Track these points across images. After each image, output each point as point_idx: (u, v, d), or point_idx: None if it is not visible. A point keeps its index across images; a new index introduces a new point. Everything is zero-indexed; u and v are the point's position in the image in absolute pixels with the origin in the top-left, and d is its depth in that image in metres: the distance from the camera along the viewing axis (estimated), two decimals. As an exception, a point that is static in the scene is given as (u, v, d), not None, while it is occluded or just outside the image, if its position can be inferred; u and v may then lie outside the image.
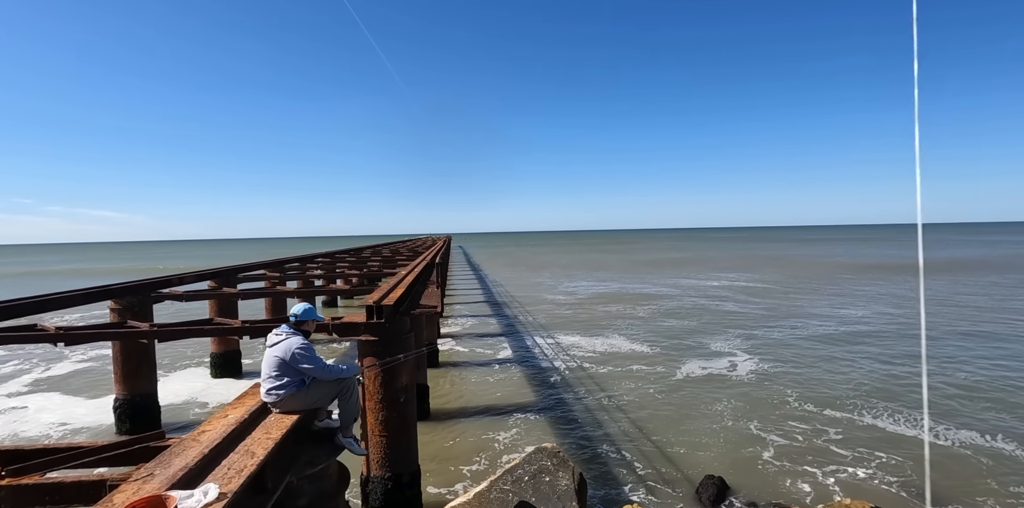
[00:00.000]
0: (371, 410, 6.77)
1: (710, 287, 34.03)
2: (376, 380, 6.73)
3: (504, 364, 15.36)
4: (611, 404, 11.59)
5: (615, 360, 15.63)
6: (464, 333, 20.38)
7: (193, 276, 12.99)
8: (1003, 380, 12.62)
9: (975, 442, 9.12)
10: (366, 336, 6.67)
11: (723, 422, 10.37)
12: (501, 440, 9.66)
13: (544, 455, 5.21)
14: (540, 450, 5.35)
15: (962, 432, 9.55)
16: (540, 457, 5.20)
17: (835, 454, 8.78)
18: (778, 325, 20.61)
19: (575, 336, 19.41)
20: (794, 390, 12.27)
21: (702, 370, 14.38)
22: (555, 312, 25.33)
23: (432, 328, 15.13)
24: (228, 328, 6.65)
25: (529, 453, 5.42)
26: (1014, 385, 12.21)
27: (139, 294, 10.74)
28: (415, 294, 8.97)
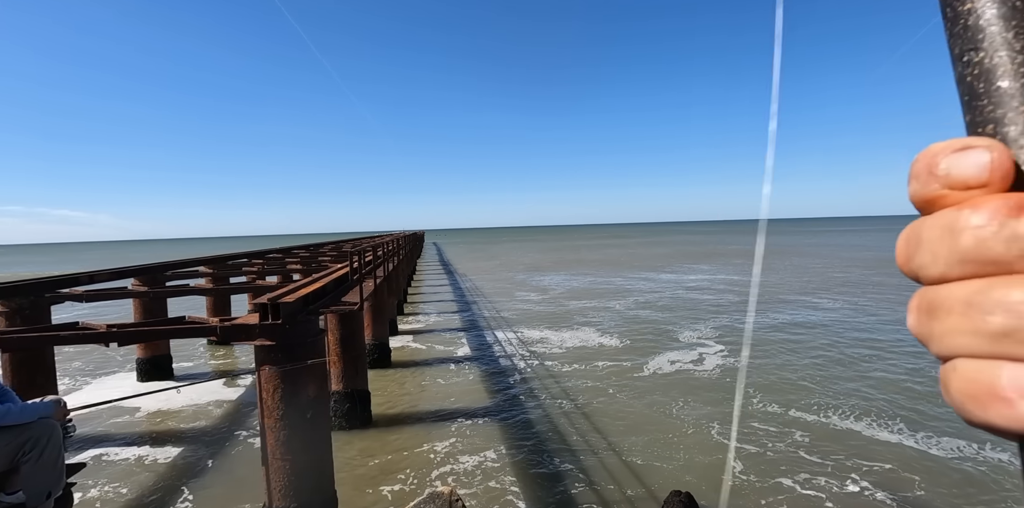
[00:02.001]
0: (270, 429, 5.66)
1: (688, 280, 33.48)
2: (275, 394, 5.63)
3: (462, 363, 14.32)
4: (571, 407, 10.66)
5: (580, 356, 14.73)
6: (425, 330, 19.28)
7: (108, 274, 11.59)
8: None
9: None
10: (261, 340, 5.56)
11: (690, 427, 9.51)
12: (439, 451, 8.62)
13: (436, 504, 4.18)
14: (433, 496, 4.31)
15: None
16: (431, 507, 4.17)
17: (808, 462, 7.98)
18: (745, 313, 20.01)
19: (542, 331, 18.47)
20: (760, 388, 11.50)
21: (671, 366, 13.56)
22: (524, 307, 24.37)
23: (382, 326, 14.00)
24: (94, 334, 5.48)
25: (418, 501, 4.38)
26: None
27: (32, 294, 9.38)
28: (339, 291, 7.86)
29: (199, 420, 10.62)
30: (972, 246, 0.21)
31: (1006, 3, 0.23)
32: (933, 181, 0.23)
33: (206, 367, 15.28)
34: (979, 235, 0.21)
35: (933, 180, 0.23)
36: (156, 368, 13.66)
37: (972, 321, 0.21)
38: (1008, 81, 0.23)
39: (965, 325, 0.21)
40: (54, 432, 2.98)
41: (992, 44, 0.23)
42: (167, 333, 5.97)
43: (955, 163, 0.22)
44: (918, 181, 0.24)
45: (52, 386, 9.65)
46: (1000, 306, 0.20)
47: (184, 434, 9.92)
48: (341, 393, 9.81)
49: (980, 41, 0.24)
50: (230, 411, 11.13)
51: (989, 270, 0.21)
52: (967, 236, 0.21)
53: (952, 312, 0.22)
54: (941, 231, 0.22)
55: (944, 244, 0.22)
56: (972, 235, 0.21)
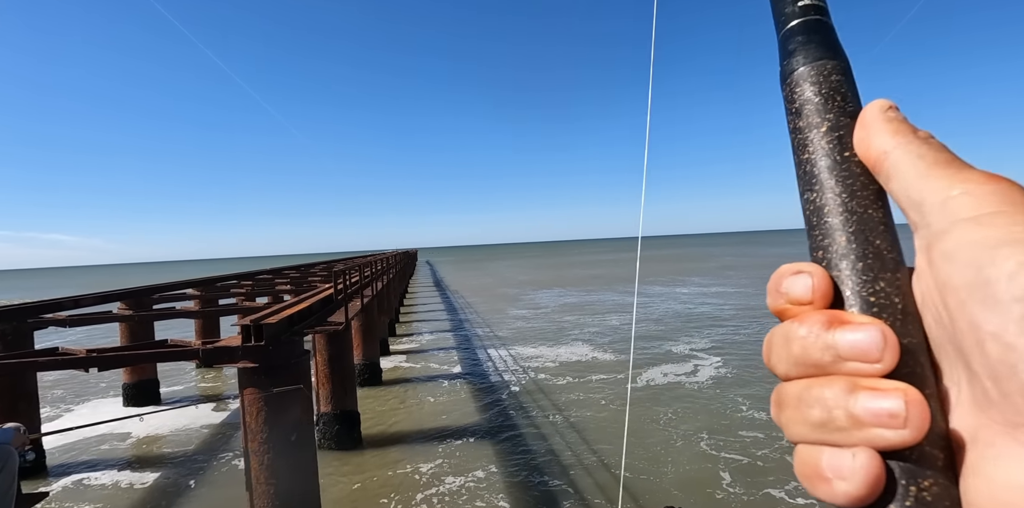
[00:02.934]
0: (254, 453, 5.58)
1: (680, 293, 33.52)
2: (259, 416, 5.56)
3: (454, 382, 14.19)
4: (562, 421, 10.57)
5: (572, 371, 14.65)
6: (417, 349, 19.12)
7: (93, 298, 11.50)
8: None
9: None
10: (244, 363, 5.50)
11: (681, 441, 9.44)
12: (428, 471, 8.50)
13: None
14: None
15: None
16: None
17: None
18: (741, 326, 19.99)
19: (534, 348, 18.38)
20: (750, 398, 11.45)
21: (664, 378, 13.51)
22: (517, 324, 24.27)
23: (373, 346, 13.89)
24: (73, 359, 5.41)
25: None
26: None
27: (13, 320, 9.26)
28: (325, 311, 7.81)
29: (185, 445, 10.43)
30: (799, 352, 0.26)
31: (830, 156, 0.31)
32: (779, 297, 0.29)
33: (194, 390, 15.05)
34: (803, 344, 0.26)
35: (779, 296, 0.29)
36: (142, 393, 13.44)
37: (801, 413, 0.26)
38: (833, 218, 0.29)
39: (797, 417, 0.26)
40: (10, 460, 2.90)
41: (822, 187, 0.30)
42: (148, 357, 5.91)
43: (790, 284, 0.29)
44: (770, 296, 0.30)
45: (34, 412, 9.51)
46: (817, 401, 0.25)
47: (169, 459, 9.73)
48: (330, 414, 9.68)
49: (814, 184, 0.31)
50: (216, 435, 10.94)
51: (812, 372, 0.26)
52: (796, 344, 0.27)
53: (788, 406, 0.27)
54: (782, 338, 0.28)
55: (784, 349, 0.28)
56: (799, 343, 0.26)
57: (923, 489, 0.24)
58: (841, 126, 0.31)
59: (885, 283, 0.28)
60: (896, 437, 0.23)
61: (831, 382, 0.25)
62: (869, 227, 0.29)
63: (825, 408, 0.25)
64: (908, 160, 0.28)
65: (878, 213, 0.29)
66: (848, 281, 0.28)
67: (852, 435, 0.24)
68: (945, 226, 0.25)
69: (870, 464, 0.23)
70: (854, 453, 0.24)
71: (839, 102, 0.32)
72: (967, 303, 0.23)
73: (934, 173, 0.27)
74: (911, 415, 0.23)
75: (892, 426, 0.23)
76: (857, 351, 0.25)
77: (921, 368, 0.26)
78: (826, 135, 0.31)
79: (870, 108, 0.30)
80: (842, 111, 0.31)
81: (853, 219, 0.29)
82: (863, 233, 0.29)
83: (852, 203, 0.29)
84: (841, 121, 0.31)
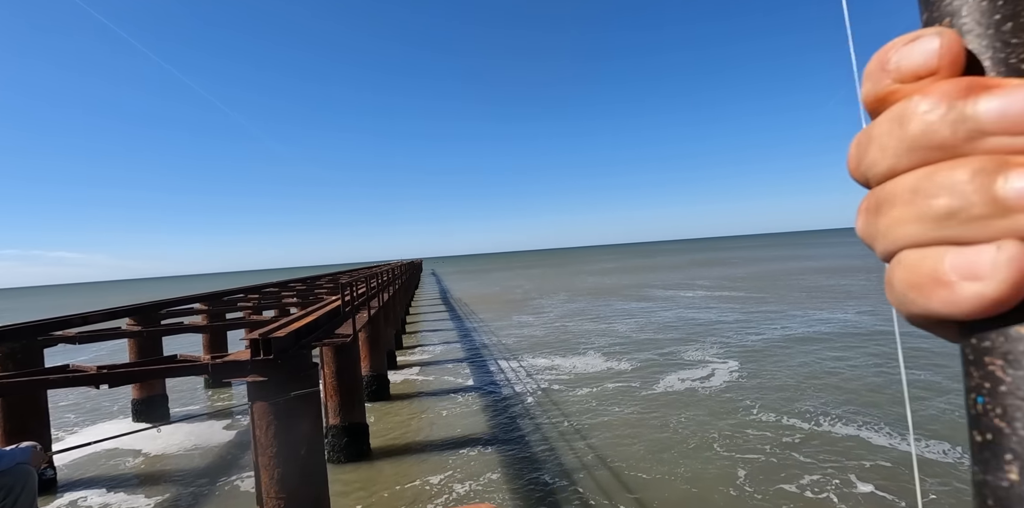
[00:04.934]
0: (264, 467, 5.60)
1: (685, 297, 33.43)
2: (268, 430, 5.59)
3: (463, 393, 14.17)
4: (572, 432, 10.52)
5: (584, 381, 14.60)
6: (424, 361, 19.10)
7: (101, 314, 11.58)
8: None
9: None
10: (253, 377, 5.54)
11: (699, 454, 9.33)
12: (437, 483, 8.46)
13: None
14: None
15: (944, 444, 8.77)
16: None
17: (805, 466, 7.87)
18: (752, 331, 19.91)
19: (544, 358, 18.33)
20: (771, 406, 11.39)
21: (681, 384, 13.49)
22: (524, 333, 24.24)
23: (380, 358, 13.90)
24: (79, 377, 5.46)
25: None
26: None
27: (23, 338, 9.35)
28: (332, 323, 7.85)
29: (195, 460, 10.43)
30: (920, 132, 0.21)
31: None
32: (885, 77, 0.23)
33: (203, 405, 15.07)
34: (926, 120, 0.20)
35: (885, 76, 0.23)
36: (151, 409, 13.47)
37: (917, 207, 0.20)
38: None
39: (910, 213, 0.21)
40: (29, 479, 2.92)
41: None
42: (158, 373, 5.95)
43: (905, 54, 0.22)
44: (871, 80, 0.24)
45: (45, 430, 9.57)
46: (944, 188, 0.20)
47: (180, 475, 9.73)
48: (338, 427, 9.68)
49: None
50: (226, 450, 10.94)
51: (936, 156, 0.20)
52: (915, 123, 0.21)
53: (897, 203, 0.21)
54: (890, 124, 0.22)
55: (893, 135, 0.22)
56: (920, 121, 0.21)
57: None
58: None
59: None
60: None
61: (966, 163, 0.19)
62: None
63: (958, 194, 0.19)
64: None
65: None
66: (990, 48, 0.21)
67: (993, 226, 0.19)
68: None
69: (1019, 256, 0.18)
70: (999, 245, 0.19)
71: None
72: None
73: None
74: None
75: None
76: (1007, 121, 0.19)
77: None
78: None
79: None
80: None
81: None
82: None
83: None
84: None
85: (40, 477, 3.04)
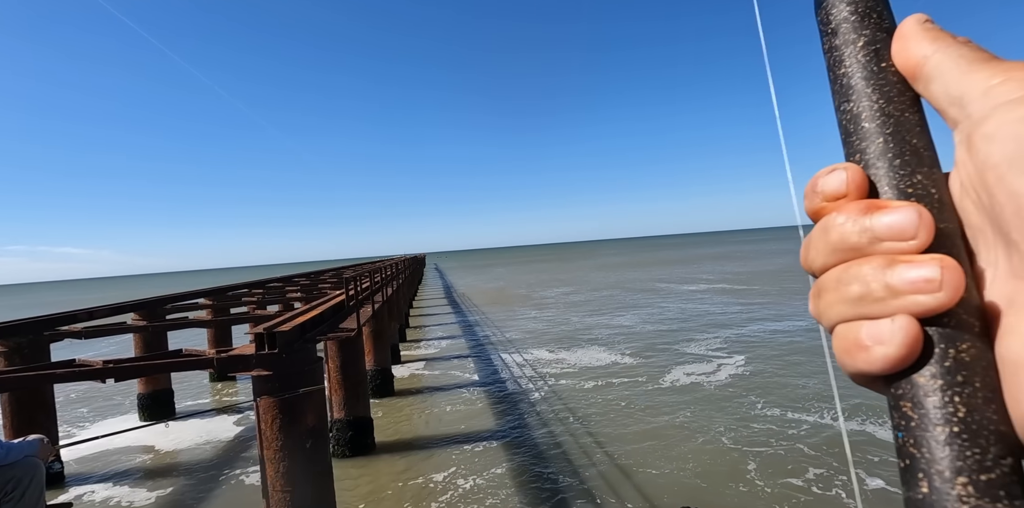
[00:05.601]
0: (270, 461, 5.60)
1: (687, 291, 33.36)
2: (274, 424, 5.59)
3: (468, 387, 14.18)
4: (579, 427, 10.53)
5: (587, 375, 14.60)
6: (428, 356, 19.13)
7: (107, 309, 11.61)
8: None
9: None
10: (258, 371, 5.54)
11: (708, 448, 9.33)
12: (443, 478, 8.46)
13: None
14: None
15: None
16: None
17: (811, 459, 7.85)
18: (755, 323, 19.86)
19: (547, 352, 18.34)
20: (776, 401, 11.36)
21: (687, 378, 13.47)
22: (528, 326, 24.26)
23: (384, 352, 13.92)
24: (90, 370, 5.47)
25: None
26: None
27: (30, 333, 9.37)
28: (336, 317, 7.85)
29: (201, 455, 10.49)
30: (838, 239, 0.29)
31: (867, 67, 0.33)
32: (815, 197, 0.31)
33: (209, 400, 15.14)
34: (841, 230, 0.28)
35: (815, 196, 0.31)
36: (157, 403, 13.53)
37: (840, 293, 0.28)
38: (870, 123, 0.32)
39: (836, 297, 0.28)
40: (37, 471, 2.94)
41: (858, 96, 0.32)
42: (164, 367, 5.96)
43: (825, 182, 0.31)
44: (807, 199, 0.32)
45: (52, 425, 9.61)
46: (856, 279, 0.27)
47: (186, 469, 9.79)
48: (343, 421, 9.70)
49: (851, 95, 0.33)
50: (231, 444, 11.00)
51: (850, 255, 0.28)
52: (834, 232, 0.29)
53: (828, 290, 0.29)
54: (820, 232, 0.30)
55: (822, 241, 0.30)
56: (837, 231, 0.29)
57: (961, 351, 0.25)
58: (878, 40, 0.33)
59: (922, 176, 0.29)
60: (932, 301, 0.25)
61: (869, 261, 0.27)
62: (906, 128, 0.31)
63: (863, 282, 0.27)
64: (950, 60, 0.29)
65: (915, 116, 0.31)
66: (885, 176, 0.30)
67: (889, 304, 0.26)
68: (987, 111, 0.27)
69: (908, 326, 0.25)
70: (893, 318, 0.26)
71: (875, 19, 0.34)
72: (1007, 175, 0.25)
73: (975, 68, 0.28)
74: (946, 278, 0.25)
75: (928, 290, 0.25)
76: (894, 231, 0.27)
77: (956, 249, 0.28)
78: (863, 49, 0.33)
79: (907, 21, 0.33)
80: (878, 27, 0.33)
81: (890, 122, 0.31)
82: (900, 133, 0.31)
83: (889, 108, 0.31)
84: (877, 35, 0.33)
85: (48, 470, 3.05)
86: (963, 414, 0.24)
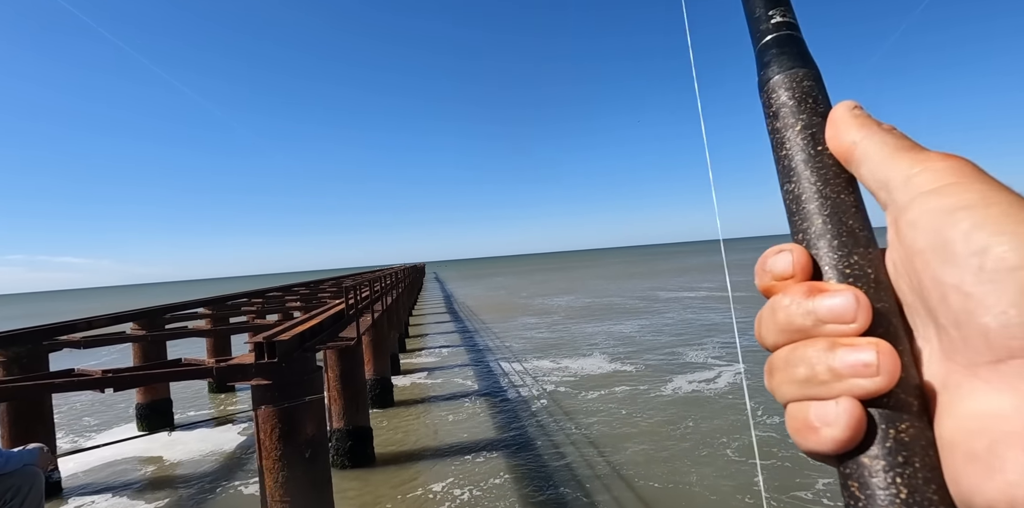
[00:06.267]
0: (268, 471, 5.57)
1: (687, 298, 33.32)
2: (273, 434, 5.56)
3: (469, 397, 14.11)
4: (581, 437, 10.46)
5: (588, 384, 14.53)
6: (428, 365, 19.07)
7: (106, 319, 11.59)
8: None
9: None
10: (258, 380, 5.52)
11: (714, 460, 9.27)
12: (442, 489, 8.38)
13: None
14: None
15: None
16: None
17: (821, 471, 7.80)
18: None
19: (548, 360, 18.27)
20: (777, 409, 11.31)
21: (688, 386, 13.41)
22: (528, 334, 24.19)
23: (383, 361, 13.88)
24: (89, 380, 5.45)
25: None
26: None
27: (28, 343, 9.35)
28: (336, 326, 7.84)
29: (200, 465, 10.41)
30: (784, 320, 0.30)
31: (805, 151, 0.35)
32: (765, 275, 0.33)
33: (208, 410, 15.07)
34: (787, 312, 0.30)
35: (765, 274, 0.33)
36: (155, 413, 13.45)
37: (788, 374, 0.29)
38: (810, 204, 0.33)
39: (785, 377, 0.29)
40: (36, 480, 2.93)
41: (799, 178, 0.35)
42: (163, 376, 5.94)
43: (773, 262, 0.33)
44: (758, 276, 0.34)
45: (50, 435, 9.56)
46: (802, 361, 0.28)
47: (184, 479, 9.72)
48: (342, 430, 9.65)
49: (792, 176, 0.35)
50: (230, 454, 10.93)
51: (796, 337, 0.30)
52: (781, 313, 0.30)
53: (778, 369, 0.30)
54: (769, 311, 0.32)
55: (771, 320, 0.31)
56: (784, 312, 0.30)
57: (901, 431, 0.26)
58: (813, 124, 0.35)
59: (859, 257, 0.31)
60: (871, 384, 0.26)
61: (813, 343, 0.28)
62: (842, 210, 0.33)
63: (809, 365, 0.28)
64: (874, 147, 0.32)
65: (850, 198, 0.33)
66: (825, 257, 0.32)
67: (833, 387, 0.27)
68: (909, 200, 0.29)
69: (851, 409, 0.26)
70: (837, 402, 0.27)
71: (811, 104, 0.36)
72: (931, 262, 0.27)
73: (898, 156, 0.31)
74: (883, 363, 0.26)
75: (866, 374, 0.26)
76: (834, 314, 0.28)
77: (894, 328, 0.29)
78: (800, 133, 0.35)
79: (838, 108, 0.35)
80: (814, 112, 0.36)
81: (828, 203, 0.33)
82: (837, 215, 0.32)
83: (826, 190, 0.33)
84: (813, 120, 0.35)
85: (47, 479, 3.04)
86: (905, 495, 0.25)
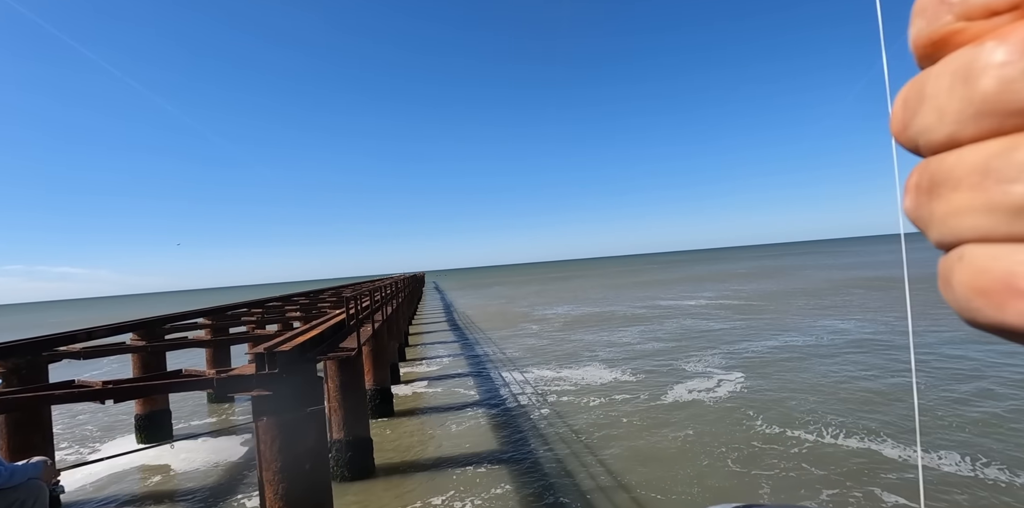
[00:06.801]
0: (269, 482, 5.54)
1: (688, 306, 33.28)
2: (273, 445, 5.55)
3: (469, 407, 14.05)
4: (582, 448, 10.40)
5: (589, 393, 14.48)
6: (428, 374, 19.00)
7: (106, 329, 11.58)
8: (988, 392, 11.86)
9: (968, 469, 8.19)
10: (258, 391, 5.51)
11: (717, 471, 9.19)
12: (444, 502, 8.35)
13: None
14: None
15: (954, 455, 8.61)
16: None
17: (823, 481, 7.75)
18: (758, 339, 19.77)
19: (548, 370, 18.21)
20: (777, 419, 11.26)
21: (688, 395, 13.37)
22: (528, 343, 24.14)
23: (383, 371, 13.83)
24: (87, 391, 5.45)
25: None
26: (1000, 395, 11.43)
27: (28, 354, 9.33)
28: (336, 337, 7.84)
29: (200, 477, 10.35)
30: (995, 91, 0.15)
31: None
32: (945, 12, 0.16)
33: (207, 421, 14.99)
34: (1006, 76, 0.15)
35: (945, 10, 0.16)
36: (154, 424, 13.38)
37: (987, 194, 0.16)
38: None
39: (978, 200, 0.16)
40: (40, 494, 2.93)
41: None
42: (164, 387, 5.93)
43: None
44: (924, 17, 0.16)
45: (49, 447, 9.50)
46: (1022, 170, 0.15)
47: (184, 491, 9.65)
48: (342, 441, 9.60)
49: None
50: (230, 466, 10.86)
51: (1016, 124, 0.15)
52: (989, 79, 0.15)
53: (961, 185, 0.16)
54: (952, 78, 0.16)
55: (956, 95, 0.16)
56: (995, 76, 0.15)
57: None
58: None
59: None
60: None
61: None
62: None
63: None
64: None
65: None
66: None
67: None
68: None
69: None
70: None
71: None
72: None
73: None
74: None
75: None
76: None
77: None
78: None
79: None
80: None
81: None
82: None
83: None
84: None
85: (51, 493, 3.03)
86: None
